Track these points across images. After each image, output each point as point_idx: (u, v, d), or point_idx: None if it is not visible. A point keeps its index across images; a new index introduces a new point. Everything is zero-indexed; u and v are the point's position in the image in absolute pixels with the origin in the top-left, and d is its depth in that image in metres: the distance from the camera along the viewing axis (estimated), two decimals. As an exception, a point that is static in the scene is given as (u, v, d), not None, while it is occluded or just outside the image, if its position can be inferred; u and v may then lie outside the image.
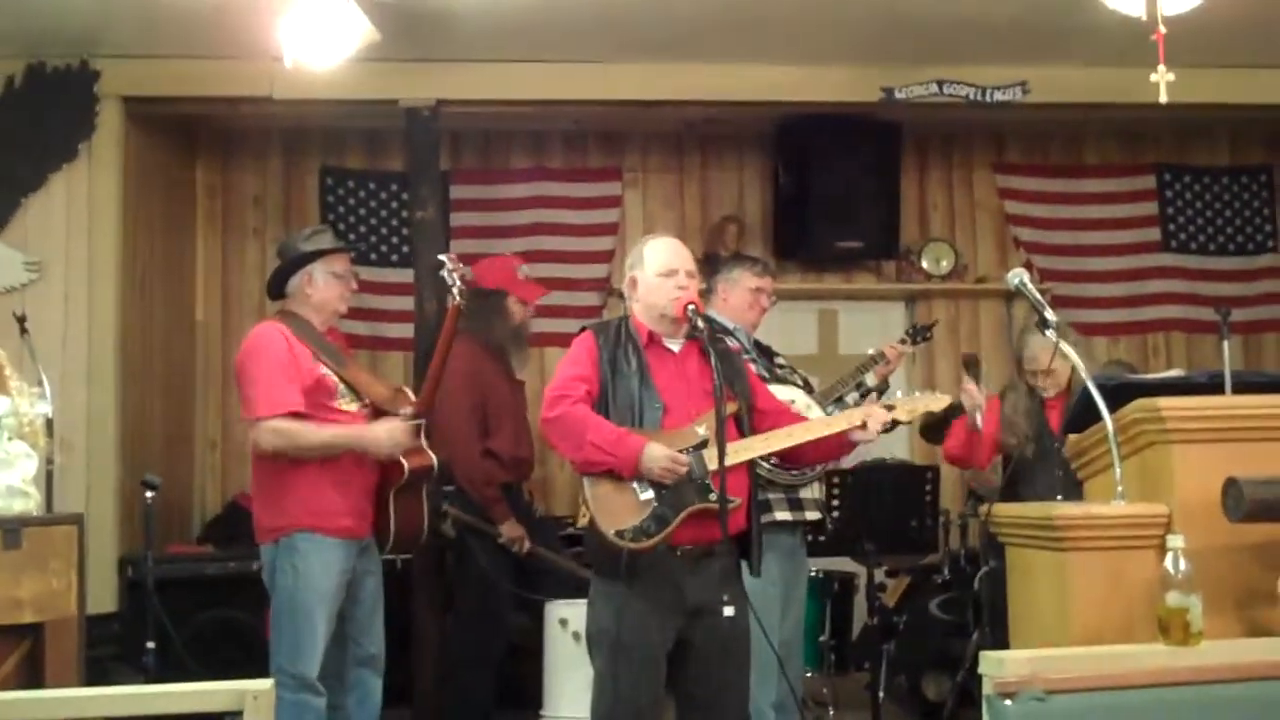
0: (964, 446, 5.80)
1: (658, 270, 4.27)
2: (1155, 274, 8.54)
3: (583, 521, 4.16)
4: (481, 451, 6.00)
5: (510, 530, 6.02)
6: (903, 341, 6.12)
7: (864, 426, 4.25)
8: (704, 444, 4.09)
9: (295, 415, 4.73)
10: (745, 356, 5.12)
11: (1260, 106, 7.43)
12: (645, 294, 4.29)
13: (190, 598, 6.04)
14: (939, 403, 4.47)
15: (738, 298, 5.37)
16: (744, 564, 4.24)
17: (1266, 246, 8.65)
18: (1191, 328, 8.48)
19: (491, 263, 6.47)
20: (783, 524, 5.17)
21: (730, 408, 4.13)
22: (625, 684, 4.04)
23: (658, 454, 4.00)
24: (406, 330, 7.14)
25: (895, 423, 4.44)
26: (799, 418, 4.45)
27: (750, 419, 4.27)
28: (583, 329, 4.37)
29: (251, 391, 4.80)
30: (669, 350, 4.28)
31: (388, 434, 4.79)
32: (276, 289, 5.08)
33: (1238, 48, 6.78)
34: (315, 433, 4.75)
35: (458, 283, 4.94)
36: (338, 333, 5.28)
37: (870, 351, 5.88)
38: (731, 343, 5.05)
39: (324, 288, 4.98)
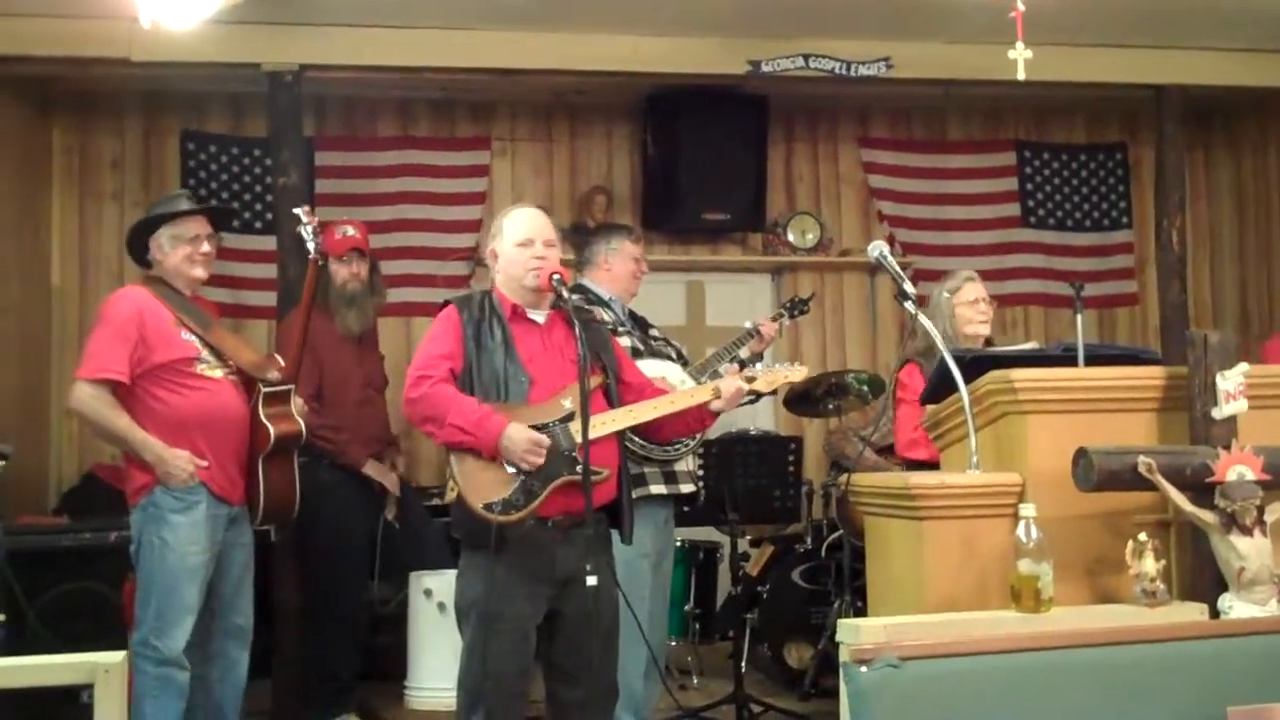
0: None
1: (515, 241, 4.25)
2: (1014, 249, 8.69)
3: (450, 495, 4.15)
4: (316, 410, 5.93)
5: (374, 472, 6.05)
6: (779, 315, 6.15)
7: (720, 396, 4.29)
8: (570, 416, 4.09)
9: (115, 384, 4.68)
10: (622, 328, 5.14)
11: (1116, 85, 7.58)
12: (505, 266, 4.28)
13: (44, 569, 5.89)
14: (797, 374, 4.50)
15: (622, 266, 5.35)
16: (614, 534, 4.27)
17: (1121, 223, 8.86)
18: (1049, 302, 8.67)
19: (325, 232, 6.38)
20: (657, 497, 5.21)
21: (595, 380, 4.14)
22: (494, 655, 4.05)
23: (518, 437, 4.00)
24: (269, 298, 7.02)
25: (756, 394, 4.51)
26: (664, 393, 4.46)
27: (617, 391, 4.28)
28: (445, 302, 4.33)
29: (85, 351, 4.80)
30: (534, 322, 4.27)
31: (180, 467, 4.69)
32: (136, 256, 5.01)
33: (1094, 27, 6.91)
34: (117, 418, 4.69)
35: (313, 238, 4.92)
36: (205, 299, 5.20)
37: (747, 325, 5.92)
38: (604, 313, 5.07)
39: (170, 253, 4.90)
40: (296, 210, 5.09)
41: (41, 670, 2.91)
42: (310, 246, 4.98)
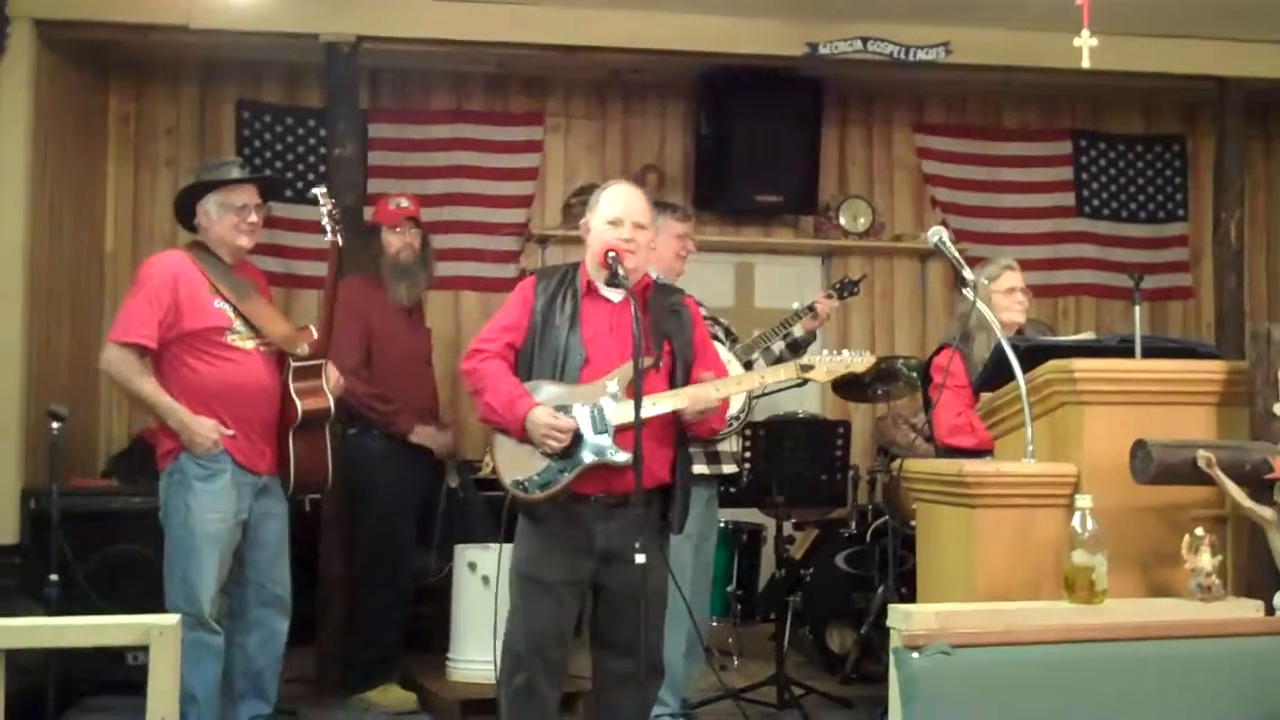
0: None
1: (606, 218, 4.21)
2: (1068, 239, 8.62)
3: (486, 470, 4.20)
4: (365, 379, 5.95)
5: (423, 437, 6.06)
6: (829, 295, 6.12)
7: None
8: (613, 398, 4.09)
9: (143, 349, 4.73)
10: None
11: (1175, 76, 7.51)
12: (591, 241, 4.25)
13: (94, 532, 5.94)
14: (861, 364, 4.43)
15: (665, 245, 5.32)
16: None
17: (1177, 215, 8.76)
18: (1101, 293, 8.60)
19: (380, 203, 6.40)
20: (700, 477, 5.19)
21: (646, 361, 4.06)
22: (529, 617, 4.14)
23: (539, 419, 4.03)
24: (320, 268, 6.98)
25: (804, 380, 4.47)
26: None
27: (684, 380, 4.22)
28: (529, 273, 4.36)
29: (118, 313, 4.86)
30: (607, 300, 4.24)
31: (204, 435, 4.72)
32: (185, 221, 5.03)
33: (1156, 17, 6.85)
34: (143, 383, 4.74)
35: (328, 219, 4.93)
36: (253, 268, 5.20)
37: (795, 306, 5.89)
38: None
39: (217, 220, 4.91)
40: (315, 191, 5.09)
41: (98, 630, 2.95)
42: (327, 227, 4.97)
